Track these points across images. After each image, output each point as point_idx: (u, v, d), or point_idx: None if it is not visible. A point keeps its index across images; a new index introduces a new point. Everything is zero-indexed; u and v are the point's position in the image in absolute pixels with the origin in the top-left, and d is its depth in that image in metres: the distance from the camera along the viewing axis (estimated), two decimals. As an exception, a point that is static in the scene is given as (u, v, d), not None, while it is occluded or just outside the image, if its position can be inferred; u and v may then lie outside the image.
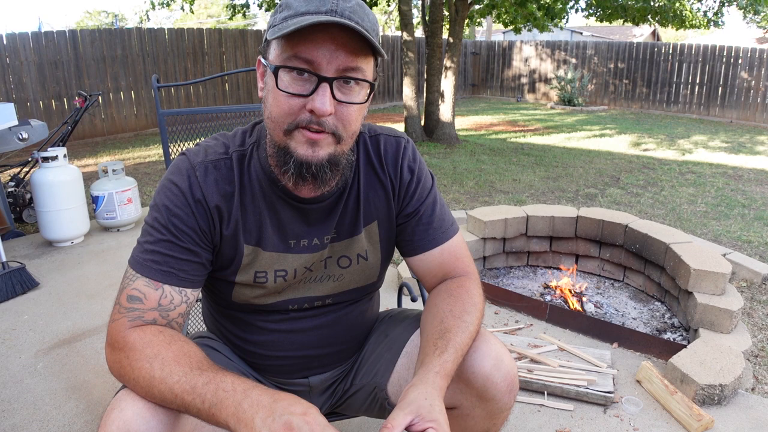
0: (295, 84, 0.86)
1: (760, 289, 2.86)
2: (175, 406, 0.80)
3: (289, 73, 0.86)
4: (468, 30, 17.28)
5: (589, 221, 2.92)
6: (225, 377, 0.80)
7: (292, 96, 0.86)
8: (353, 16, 0.84)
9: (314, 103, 0.84)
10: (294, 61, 0.84)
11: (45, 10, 68.71)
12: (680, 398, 1.81)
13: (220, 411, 0.76)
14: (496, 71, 14.59)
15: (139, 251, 0.94)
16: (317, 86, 0.85)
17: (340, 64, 0.84)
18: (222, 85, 9.49)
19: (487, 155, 6.67)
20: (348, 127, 0.90)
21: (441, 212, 1.11)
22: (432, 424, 0.79)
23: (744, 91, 10.40)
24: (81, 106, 4.33)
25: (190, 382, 0.79)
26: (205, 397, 0.77)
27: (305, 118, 0.86)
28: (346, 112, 0.88)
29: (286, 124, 0.88)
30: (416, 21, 10.48)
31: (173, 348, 0.85)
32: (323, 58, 0.83)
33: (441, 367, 0.88)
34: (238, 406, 0.75)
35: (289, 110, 0.86)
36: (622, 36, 20.76)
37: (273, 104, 0.88)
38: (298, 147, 0.88)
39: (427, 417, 0.80)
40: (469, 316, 0.99)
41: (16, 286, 2.77)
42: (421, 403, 0.81)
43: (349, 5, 0.84)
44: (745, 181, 5.47)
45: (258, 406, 0.74)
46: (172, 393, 0.79)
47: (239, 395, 0.76)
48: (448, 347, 0.92)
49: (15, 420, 1.82)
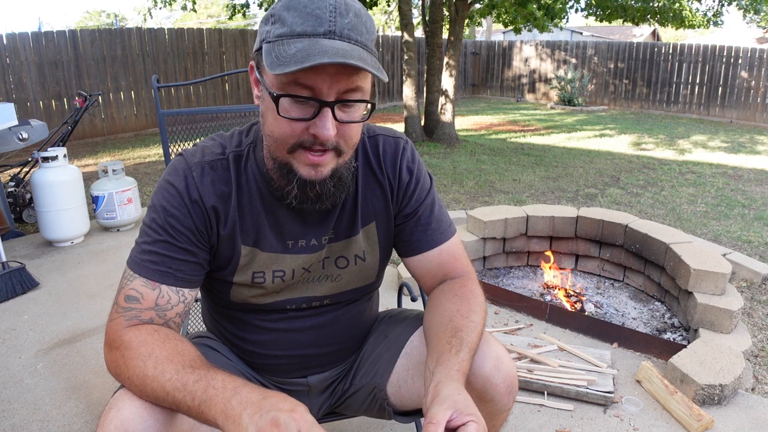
0: (296, 108, 0.85)
1: (760, 289, 2.86)
2: (167, 404, 0.80)
3: (289, 98, 0.84)
4: (468, 30, 17.28)
5: (589, 221, 2.92)
6: (216, 375, 0.80)
7: (294, 120, 0.85)
8: (352, 34, 0.83)
9: (317, 129, 0.84)
10: (294, 88, 0.83)
11: (45, 10, 68.83)
12: (680, 398, 1.81)
13: (209, 408, 0.76)
14: (496, 71, 14.59)
15: (136, 252, 0.94)
16: (319, 111, 0.84)
17: (340, 87, 0.83)
18: (222, 85, 9.49)
19: (487, 155, 6.67)
20: (349, 141, 0.90)
21: (439, 213, 1.11)
22: (471, 417, 0.79)
23: (744, 91, 10.40)
24: (81, 106, 4.33)
25: (181, 379, 0.79)
26: (195, 394, 0.77)
27: (308, 140, 0.86)
28: (348, 130, 0.88)
29: (289, 145, 0.87)
30: (416, 21, 10.48)
31: (167, 347, 0.85)
32: (324, 83, 0.82)
33: (460, 366, 0.88)
34: (227, 403, 0.74)
35: (292, 133, 0.86)
36: (622, 36, 20.76)
37: (274, 126, 0.87)
38: (301, 167, 0.88)
39: (465, 411, 0.80)
40: (476, 315, 0.99)
41: (16, 286, 2.77)
42: (457, 398, 0.81)
43: (347, 21, 0.82)
44: (745, 181, 5.47)
45: (246, 403, 0.74)
46: (163, 391, 0.80)
47: (229, 392, 0.76)
48: (462, 346, 0.92)
49: (15, 420, 1.82)
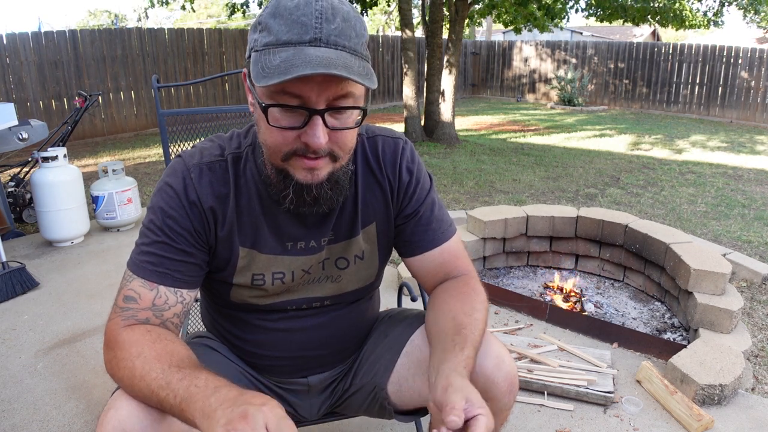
0: (286, 117, 0.84)
1: (760, 289, 2.86)
2: (153, 403, 0.81)
3: (278, 108, 0.84)
4: (468, 30, 17.28)
5: (589, 221, 2.92)
6: (200, 374, 0.79)
7: (285, 129, 0.85)
8: (339, 40, 0.81)
9: (308, 137, 0.83)
10: (283, 97, 0.82)
11: (45, 10, 68.81)
12: (680, 398, 1.81)
13: (188, 406, 0.76)
14: (496, 71, 14.59)
15: (136, 253, 0.95)
16: (309, 119, 0.83)
17: (330, 95, 0.82)
18: (222, 85, 9.49)
19: (487, 155, 6.67)
20: (344, 147, 0.89)
21: (440, 213, 1.11)
22: (482, 410, 0.79)
23: (744, 91, 10.40)
24: (81, 106, 4.33)
25: (166, 378, 0.79)
26: (177, 392, 0.77)
27: (300, 148, 0.86)
28: (340, 135, 0.87)
29: (282, 154, 0.87)
30: (416, 21, 10.48)
31: (157, 346, 0.85)
32: (312, 91, 0.81)
33: (466, 362, 0.88)
34: (205, 401, 0.74)
35: (284, 141, 0.86)
36: (622, 36, 20.75)
37: (266, 135, 0.87)
38: (297, 172, 0.88)
39: (477, 404, 0.79)
40: (478, 313, 1.00)
41: (16, 286, 2.77)
42: (470, 390, 0.81)
43: (334, 26, 0.80)
44: (745, 181, 5.47)
45: (223, 400, 0.74)
46: (149, 389, 0.80)
47: (209, 391, 0.76)
48: (467, 343, 0.92)
49: (15, 420, 1.82)
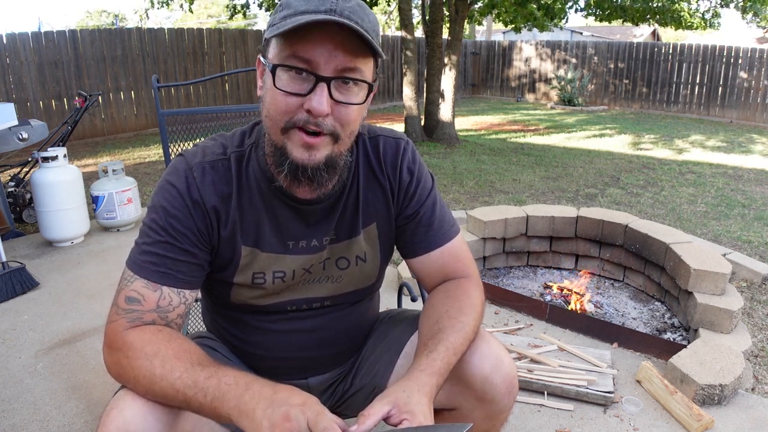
0: (292, 83, 0.85)
1: (760, 289, 2.86)
2: (177, 402, 0.81)
3: (287, 72, 0.85)
4: (468, 30, 17.28)
5: (589, 221, 2.92)
6: (227, 371, 0.81)
7: (289, 95, 0.85)
8: (353, 16, 0.83)
9: (311, 102, 0.84)
10: (292, 60, 0.84)
11: (45, 10, 68.76)
12: (680, 398, 1.81)
13: (222, 404, 0.77)
14: (496, 71, 14.58)
15: (136, 252, 0.94)
16: (315, 86, 0.84)
17: (338, 64, 0.84)
18: (222, 85, 9.49)
19: (487, 155, 6.67)
20: (346, 127, 0.89)
21: (441, 213, 1.11)
22: (407, 415, 0.81)
23: (744, 91, 10.40)
24: (81, 106, 4.32)
25: (191, 377, 0.80)
26: (207, 390, 0.78)
27: (302, 118, 0.86)
28: (344, 112, 0.88)
29: (283, 123, 0.87)
30: (416, 21, 10.47)
31: (173, 345, 0.85)
32: (321, 57, 0.83)
33: (427, 365, 0.90)
34: (239, 398, 0.76)
35: (287, 108, 0.86)
36: (622, 36, 20.74)
37: (270, 102, 0.88)
38: (294, 149, 0.88)
39: (403, 408, 0.81)
40: (465, 317, 0.99)
41: (16, 286, 2.77)
42: (399, 395, 0.83)
43: (349, 5, 0.84)
44: (745, 181, 5.47)
45: (259, 398, 0.75)
46: (173, 389, 0.80)
47: (241, 388, 0.77)
48: (438, 346, 0.93)
49: (15, 420, 1.82)
